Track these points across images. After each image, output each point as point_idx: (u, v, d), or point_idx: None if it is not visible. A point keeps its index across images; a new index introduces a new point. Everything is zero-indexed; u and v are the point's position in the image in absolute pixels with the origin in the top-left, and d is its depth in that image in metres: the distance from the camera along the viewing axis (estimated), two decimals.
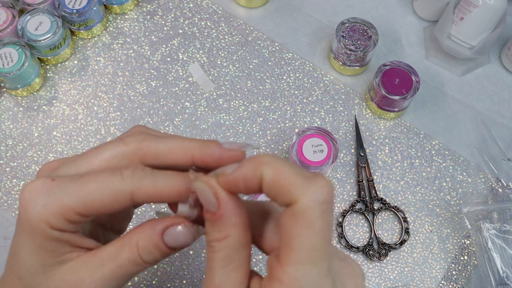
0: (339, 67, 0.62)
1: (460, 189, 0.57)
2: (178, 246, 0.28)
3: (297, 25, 0.66)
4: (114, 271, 0.28)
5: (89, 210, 0.27)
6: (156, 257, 0.28)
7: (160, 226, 0.28)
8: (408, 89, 0.56)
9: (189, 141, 0.29)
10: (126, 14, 0.65)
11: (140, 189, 0.27)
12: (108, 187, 0.27)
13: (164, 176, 0.28)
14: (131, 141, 0.29)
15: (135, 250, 0.28)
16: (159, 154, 0.29)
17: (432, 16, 0.66)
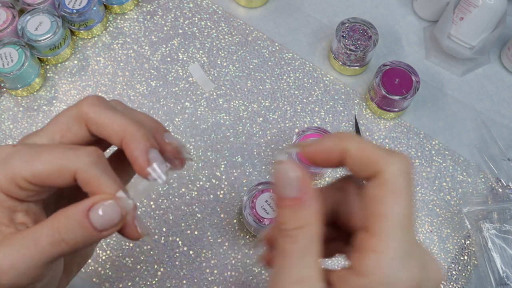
0: (339, 67, 0.62)
1: (460, 189, 0.57)
2: (104, 224, 0.27)
3: (297, 25, 0.66)
4: (34, 253, 0.27)
5: (36, 178, 0.28)
6: (78, 238, 0.27)
7: (86, 203, 0.27)
8: (408, 89, 0.56)
9: (129, 122, 0.29)
10: (126, 14, 0.65)
11: (84, 174, 0.28)
12: (57, 161, 0.28)
13: (107, 172, 0.28)
14: (82, 104, 0.30)
15: (55, 229, 0.27)
16: (98, 124, 0.29)
17: (432, 16, 0.66)
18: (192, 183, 0.56)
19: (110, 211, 0.27)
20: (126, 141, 0.29)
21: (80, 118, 0.30)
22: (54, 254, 0.27)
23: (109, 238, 0.53)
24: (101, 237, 0.28)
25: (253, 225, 0.50)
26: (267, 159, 0.58)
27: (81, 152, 0.28)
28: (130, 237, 0.29)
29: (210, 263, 0.53)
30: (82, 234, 0.27)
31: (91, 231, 0.27)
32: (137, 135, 0.29)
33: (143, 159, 0.28)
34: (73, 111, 0.30)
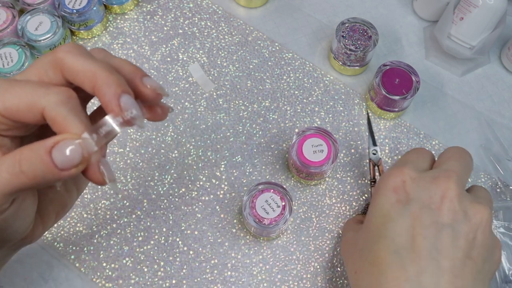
0: (339, 67, 0.62)
1: None
2: (65, 162, 0.28)
3: (297, 25, 0.66)
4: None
5: (7, 111, 0.29)
6: (37, 173, 0.28)
7: (51, 140, 0.28)
8: (408, 89, 0.56)
9: (101, 71, 0.29)
10: (126, 14, 0.65)
11: (51, 112, 0.28)
12: (27, 96, 0.28)
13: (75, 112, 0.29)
14: (59, 51, 0.30)
15: (17, 160, 0.28)
16: (72, 71, 0.30)
17: (432, 16, 0.66)
18: (192, 183, 0.56)
19: (72, 150, 0.27)
20: (97, 87, 0.29)
21: (56, 64, 0.30)
22: (12, 185, 0.28)
23: (109, 238, 0.53)
24: (61, 176, 0.28)
25: (253, 225, 0.50)
26: (267, 159, 0.58)
27: (51, 90, 0.28)
28: (93, 180, 0.29)
29: (210, 263, 0.53)
30: (42, 169, 0.27)
31: (51, 168, 0.27)
32: (107, 81, 0.29)
33: (114, 103, 0.28)
34: (49, 56, 0.30)
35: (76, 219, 0.54)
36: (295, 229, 0.55)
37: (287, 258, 0.53)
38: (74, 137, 0.28)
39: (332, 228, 0.55)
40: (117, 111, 0.28)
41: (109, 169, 0.29)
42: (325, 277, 0.53)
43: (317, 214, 0.55)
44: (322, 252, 0.54)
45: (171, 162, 0.57)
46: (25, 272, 0.52)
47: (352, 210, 0.56)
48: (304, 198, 0.56)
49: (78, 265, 0.52)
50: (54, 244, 0.53)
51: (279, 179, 0.57)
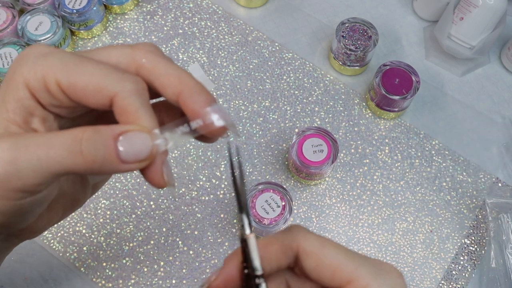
0: (339, 67, 0.62)
1: (460, 189, 0.57)
2: (130, 155, 0.25)
3: (297, 25, 0.66)
4: (43, 155, 0.24)
5: (70, 88, 0.25)
6: (97, 158, 0.25)
7: (120, 127, 0.25)
8: (408, 89, 0.56)
9: (187, 78, 0.27)
10: (126, 14, 0.65)
11: (123, 100, 0.25)
12: (100, 77, 0.25)
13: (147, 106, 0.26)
14: (139, 48, 0.27)
15: (78, 138, 0.25)
16: (152, 73, 0.27)
17: (432, 16, 0.66)
18: (192, 183, 0.56)
19: (140, 144, 0.25)
20: (185, 94, 0.26)
21: (132, 60, 0.27)
22: (66, 165, 0.25)
23: (109, 238, 0.53)
24: (120, 168, 0.25)
25: (253, 225, 0.50)
26: (267, 159, 0.58)
27: (128, 77, 0.26)
28: (154, 181, 0.27)
29: (210, 263, 0.53)
30: (103, 155, 0.25)
31: (114, 156, 0.25)
32: (196, 88, 0.26)
33: (206, 111, 0.26)
34: (127, 50, 0.27)
35: (76, 219, 0.54)
36: None
37: None
38: (144, 130, 0.25)
39: (332, 228, 0.55)
40: (209, 119, 0.26)
41: (170, 172, 0.27)
42: None
43: (317, 214, 0.55)
44: None
45: (171, 162, 0.57)
46: (25, 272, 0.52)
47: (353, 210, 0.56)
48: (304, 198, 0.56)
49: (78, 265, 0.52)
50: (54, 243, 0.53)
51: (279, 179, 0.57)
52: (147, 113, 0.26)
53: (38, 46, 0.27)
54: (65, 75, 0.25)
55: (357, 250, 0.54)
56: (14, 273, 0.51)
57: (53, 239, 0.53)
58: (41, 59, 0.26)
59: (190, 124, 0.26)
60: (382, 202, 0.56)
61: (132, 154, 0.25)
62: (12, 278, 0.51)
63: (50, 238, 0.53)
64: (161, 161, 0.26)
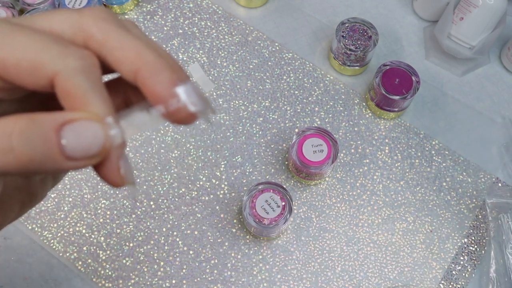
0: (339, 67, 0.62)
1: (460, 189, 0.57)
2: (76, 149, 0.20)
3: (297, 25, 0.66)
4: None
5: (1, 66, 0.20)
6: (34, 156, 0.19)
7: (63, 115, 0.20)
8: (408, 89, 0.56)
9: (147, 52, 0.21)
10: (126, 14, 0.65)
11: (66, 81, 0.20)
12: (34, 52, 0.20)
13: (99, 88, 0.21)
14: (88, 14, 0.22)
15: (8, 131, 0.19)
16: (104, 45, 0.22)
17: (432, 16, 0.66)
18: (192, 183, 0.56)
19: (90, 136, 0.20)
20: (143, 73, 0.21)
21: (79, 30, 0.22)
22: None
23: (109, 238, 0.53)
24: (65, 166, 0.20)
25: (253, 225, 0.50)
26: (267, 159, 0.58)
27: (72, 51, 0.21)
28: (110, 180, 0.22)
29: (210, 263, 0.53)
30: (42, 152, 0.19)
31: (56, 153, 0.20)
32: (158, 65, 0.21)
33: (171, 93, 0.21)
34: (73, 16, 0.22)
35: (76, 219, 0.54)
36: (295, 229, 0.55)
37: (287, 258, 0.53)
38: (95, 118, 0.20)
39: (332, 228, 0.55)
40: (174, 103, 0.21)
41: (129, 168, 0.22)
42: (324, 277, 0.53)
43: (317, 214, 0.55)
44: (322, 252, 0.54)
45: (171, 162, 0.57)
46: (25, 272, 0.52)
47: (353, 210, 0.56)
48: (304, 198, 0.56)
49: (78, 265, 0.52)
50: (54, 243, 0.53)
51: (279, 179, 0.57)
52: (99, 96, 0.21)
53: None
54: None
55: (357, 251, 0.54)
56: (14, 273, 0.51)
57: (53, 239, 0.53)
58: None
59: (151, 109, 0.21)
60: (382, 202, 0.56)
61: (79, 149, 0.20)
62: (12, 278, 0.51)
63: (50, 238, 0.53)
64: (117, 155, 0.21)
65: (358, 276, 0.53)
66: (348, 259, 0.54)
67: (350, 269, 0.53)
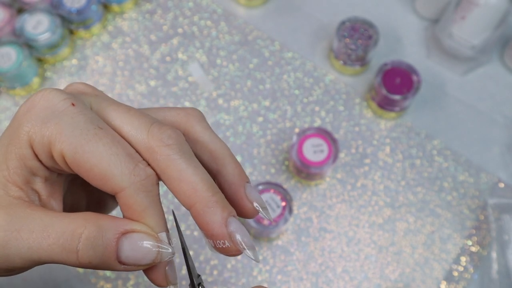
0: (339, 67, 0.61)
1: (461, 190, 0.57)
2: (129, 258, 0.23)
3: (297, 24, 0.65)
4: (34, 244, 0.22)
5: (74, 165, 0.23)
6: (92, 258, 0.22)
7: (123, 225, 0.23)
8: (409, 89, 0.56)
9: (203, 188, 0.24)
10: (125, 13, 0.65)
11: (129, 198, 0.23)
12: (107, 167, 0.22)
13: (156, 206, 0.24)
14: (155, 136, 0.24)
15: (77, 235, 0.22)
16: (165, 177, 0.24)
17: (433, 15, 0.65)
18: None
19: (143, 250, 0.23)
20: (197, 210, 0.24)
21: (146, 149, 0.24)
22: (55, 258, 0.22)
23: None
24: (116, 269, 0.23)
25: (253, 226, 0.49)
26: (267, 159, 0.57)
27: (138, 172, 0.23)
28: (155, 282, 0.25)
29: (210, 264, 0.52)
30: (101, 257, 0.22)
31: (112, 259, 0.22)
32: (209, 203, 0.23)
33: (222, 234, 0.23)
34: (143, 133, 0.24)
35: None
36: (295, 230, 0.54)
37: (287, 258, 0.53)
38: (151, 234, 0.23)
39: (332, 229, 0.54)
40: (225, 240, 0.24)
41: (173, 271, 0.25)
42: (325, 277, 0.52)
43: (317, 214, 0.55)
44: (322, 252, 0.53)
45: None
46: (24, 273, 0.51)
47: (353, 210, 0.55)
48: (304, 199, 0.56)
49: None
50: None
51: (279, 179, 0.56)
52: (156, 213, 0.23)
53: (52, 96, 0.24)
54: (72, 149, 0.22)
55: (358, 251, 0.54)
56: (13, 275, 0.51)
57: None
58: (53, 119, 0.23)
59: (206, 240, 0.24)
60: (383, 203, 0.56)
61: (133, 259, 0.23)
62: (11, 280, 0.51)
63: None
64: (165, 264, 0.24)
65: (358, 277, 0.53)
66: (349, 260, 0.53)
67: (351, 269, 0.53)
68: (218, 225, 0.23)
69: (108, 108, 0.25)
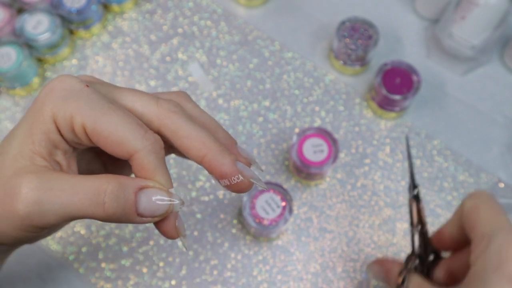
0: (339, 67, 0.61)
1: (461, 190, 0.57)
2: (147, 210, 0.27)
3: (297, 24, 0.65)
4: (66, 200, 0.26)
5: (94, 135, 0.27)
6: (116, 210, 0.26)
7: (140, 182, 0.27)
8: (409, 89, 0.56)
9: (209, 141, 0.28)
10: (125, 13, 0.65)
11: (143, 159, 0.27)
12: (123, 133, 0.26)
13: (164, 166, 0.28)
14: (163, 106, 0.29)
15: (102, 190, 0.26)
16: (176, 137, 0.29)
17: (433, 15, 0.65)
18: (192, 183, 0.56)
19: (158, 201, 0.27)
20: (209, 157, 0.28)
21: (156, 117, 0.29)
22: (85, 212, 0.26)
23: (109, 238, 0.53)
24: (135, 221, 0.27)
25: (253, 226, 0.49)
26: (267, 159, 0.57)
27: (149, 136, 0.27)
28: (166, 234, 0.29)
29: (210, 264, 0.52)
30: (123, 209, 0.26)
31: (132, 210, 0.27)
32: (219, 151, 0.28)
33: (235, 171, 0.28)
34: (152, 104, 0.29)
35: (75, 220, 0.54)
36: (295, 230, 0.54)
37: (287, 258, 0.53)
38: (163, 188, 0.27)
39: (332, 229, 0.54)
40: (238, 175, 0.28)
41: (182, 224, 0.29)
42: (325, 277, 0.52)
43: (317, 214, 0.55)
44: (322, 252, 0.53)
45: (170, 162, 0.57)
46: (23, 273, 0.51)
47: (353, 210, 0.55)
48: (304, 199, 0.56)
49: (77, 266, 0.52)
50: (53, 245, 0.53)
51: (279, 179, 0.56)
52: (164, 172, 0.28)
53: (69, 80, 0.28)
54: (92, 121, 0.26)
55: (357, 251, 0.54)
56: (12, 275, 0.51)
57: (52, 240, 0.53)
58: (72, 98, 0.27)
59: (217, 181, 0.29)
60: (383, 203, 0.56)
61: (149, 210, 0.27)
62: (11, 279, 0.51)
63: (49, 239, 0.53)
64: (174, 216, 0.28)
65: (358, 277, 0.53)
66: (349, 260, 0.53)
67: (351, 270, 0.53)
68: (230, 165, 0.28)
69: (115, 90, 0.29)
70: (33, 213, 0.26)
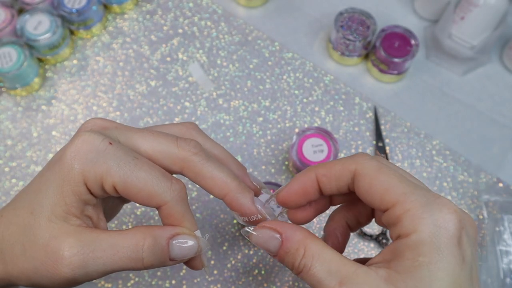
0: (338, 58, 0.62)
1: (461, 190, 0.57)
2: (178, 255, 0.29)
3: (297, 24, 0.65)
4: (108, 260, 0.28)
5: (125, 192, 0.29)
6: (153, 261, 0.29)
7: (171, 231, 0.29)
8: (408, 52, 0.59)
9: (230, 180, 0.31)
10: (125, 13, 0.65)
11: (171, 209, 0.29)
12: (152, 187, 0.29)
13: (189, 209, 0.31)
14: (185, 148, 0.31)
15: (140, 246, 0.28)
16: (199, 178, 0.31)
17: (432, 15, 0.66)
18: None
19: (189, 247, 0.30)
20: (231, 198, 0.31)
21: (178, 160, 0.31)
22: (125, 267, 0.28)
23: None
24: (166, 264, 0.30)
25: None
26: (267, 159, 0.57)
27: (174, 186, 0.30)
28: (193, 267, 0.31)
29: (210, 263, 0.53)
30: (159, 259, 0.29)
31: (166, 258, 0.29)
32: (239, 190, 0.31)
33: (254, 211, 0.31)
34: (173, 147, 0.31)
35: None
36: None
37: None
38: (192, 234, 0.30)
39: None
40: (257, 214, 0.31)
41: (205, 255, 0.32)
42: None
43: None
44: None
45: None
46: None
47: None
48: None
49: None
50: None
51: (279, 179, 0.56)
52: (190, 217, 0.30)
53: (92, 140, 0.29)
54: (122, 180, 0.28)
55: (357, 251, 0.54)
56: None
57: None
58: (100, 160, 0.28)
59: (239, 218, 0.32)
60: None
61: (180, 255, 0.30)
62: None
63: None
64: (200, 254, 0.31)
65: None
66: None
67: None
68: (249, 205, 0.31)
69: (133, 137, 0.31)
70: (78, 274, 0.28)
